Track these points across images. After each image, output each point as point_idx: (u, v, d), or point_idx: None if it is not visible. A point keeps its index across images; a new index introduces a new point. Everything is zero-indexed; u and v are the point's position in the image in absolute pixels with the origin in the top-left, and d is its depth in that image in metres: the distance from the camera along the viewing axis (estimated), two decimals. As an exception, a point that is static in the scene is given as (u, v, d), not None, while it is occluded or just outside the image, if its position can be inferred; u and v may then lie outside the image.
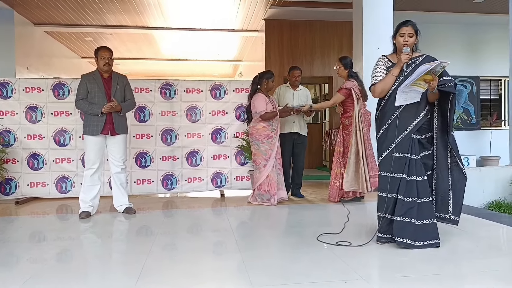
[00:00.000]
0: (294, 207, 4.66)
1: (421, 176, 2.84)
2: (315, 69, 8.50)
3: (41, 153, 5.26)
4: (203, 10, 7.80)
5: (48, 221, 4.21)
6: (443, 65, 2.62)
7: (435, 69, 2.62)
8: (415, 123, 2.86)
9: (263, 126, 4.76)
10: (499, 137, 8.65)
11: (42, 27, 8.55)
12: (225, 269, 2.55)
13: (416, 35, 2.92)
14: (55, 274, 2.48)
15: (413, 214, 2.77)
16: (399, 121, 2.87)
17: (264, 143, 4.74)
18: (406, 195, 2.81)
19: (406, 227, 2.77)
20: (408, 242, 2.75)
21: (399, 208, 2.82)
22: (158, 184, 5.47)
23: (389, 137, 2.92)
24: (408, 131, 2.86)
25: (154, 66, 13.13)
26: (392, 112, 2.91)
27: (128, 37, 9.62)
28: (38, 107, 5.24)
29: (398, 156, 2.87)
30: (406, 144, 2.86)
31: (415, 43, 2.95)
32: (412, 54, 2.94)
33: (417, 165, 2.84)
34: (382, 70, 2.99)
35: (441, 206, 2.92)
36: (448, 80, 2.80)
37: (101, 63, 4.16)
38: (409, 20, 2.94)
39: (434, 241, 2.80)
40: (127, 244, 3.29)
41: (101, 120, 4.08)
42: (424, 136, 2.92)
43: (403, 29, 2.90)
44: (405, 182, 2.83)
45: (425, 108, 2.88)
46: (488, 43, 9.19)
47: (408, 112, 2.86)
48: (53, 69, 9.42)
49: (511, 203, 5.25)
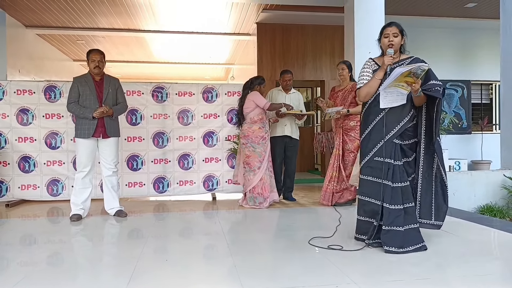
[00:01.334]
0: (286, 210, 4.67)
1: (404, 182, 2.83)
2: (307, 73, 8.52)
3: (32, 156, 5.21)
4: (195, 13, 7.80)
5: (39, 224, 4.18)
6: (423, 68, 2.59)
7: (416, 71, 2.59)
8: (398, 127, 2.83)
9: (258, 127, 4.78)
10: (490, 141, 8.73)
11: (33, 29, 8.49)
12: (216, 272, 2.54)
13: (402, 35, 2.88)
14: (45, 277, 2.46)
15: (400, 222, 2.78)
16: (379, 126, 2.85)
17: (260, 144, 4.76)
18: (392, 203, 2.80)
19: (394, 236, 2.77)
20: (397, 250, 2.75)
21: (386, 217, 2.81)
22: (150, 187, 5.44)
23: (372, 140, 2.89)
24: (391, 135, 2.84)
25: (146, 69, 13.09)
26: (376, 115, 2.88)
27: (120, 40, 9.58)
28: (30, 110, 5.20)
29: (380, 161, 2.84)
30: (389, 149, 2.83)
31: (402, 44, 2.91)
32: (400, 56, 2.91)
33: (400, 171, 2.82)
34: (368, 74, 2.96)
35: (424, 212, 2.92)
36: (435, 84, 2.75)
37: (91, 66, 4.15)
38: (393, 21, 2.91)
39: (420, 245, 2.80)
40: (118, 247, 3.27)
41: (93, 123, 4.06)
42: (407, 142, 2.88)
43: (387, 29, 2.88)
44: (390, 189, 2.81)
45: (409, 113, 2.84)
46: (479, 48, 9.29)
47: (392, 116, 2.83)
48: (45, 71, 9.35)
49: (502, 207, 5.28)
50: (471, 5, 7.75)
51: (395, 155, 2.82)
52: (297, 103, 5.33)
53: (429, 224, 2.93)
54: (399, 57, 2.91)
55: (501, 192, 5.39)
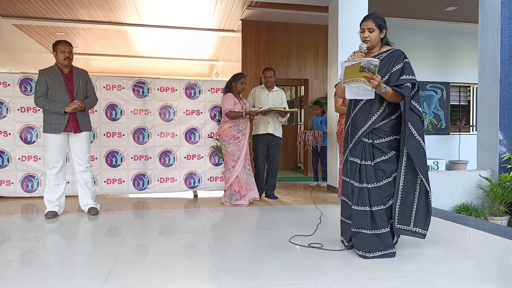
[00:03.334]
0: (268, 208, 4.65)
1: (373, 183, 2.67)
2: (291, 71, 8.53)
3: (6, 151, 5.04)
4: (179, 8, 7.69)
5: (12, 221, 4.03)
6: (374, 63, 2.46)
7: (368, 67, 2.47)
8: (366, 126, 2.70)
9: (229, 126, 4.76)
10: (467, 142, 8.93)
11: (10, 19, 8.22)
12: (196, 272, 2.49)
13: (380, 29, 2.72)
14: (18, 276, 2.37)
15: (367, 224, 2.65)
16: (352, 124, 2.76)
17: (230, 144, 4.73)
18: (360, 204, 2.68)
19: (362, 238, 2.67)
20: (364, 254, 2.66)
21: (353, 218, 2.71)
22: (129, 184, 5.34)
23: (346, 140, 2.83)
24: (359, 134, 2.73)
25: (127, 63, 12.86)
26: (350, 114, 2.80)
27: (101, 32, 9.38)
28: (4, 103, 5.02)
29: (351, 161, 2.75)
30: (358, 149, 2.73)
31: (383, 37, 2.76)
32: (380, 49, 2.77)
33: (367, 171, 2.68)
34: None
35: (402, 217, 2.70)
36: (406, 79, 2.61)
37: (61, 57, 3.98)
38: (372, 14, 2.76)
39: (389, 251, 2.67)
40: (94, 246, 3.18)
41: (64, 118, 3.92)
42: (381, 140, 2.70)
43: (363, 24, 2.74)
44: (357, 190, 2.69)
45: (378, 110, 2.69)
46: (458, 51, 9.47)
47: (361, 115, 2.72)
48: (21, 63, 9.07)
49: (477, 207, 5.40)
50: (451, 9, 7.89)
51: (364, 155, 2.69)
52: (280, 100, 5.32)
53: (408, 230, 2.72)
54: (379, 49, 2.78)
55: (476, 192, 5.51)
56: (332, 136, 5.97)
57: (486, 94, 5.75)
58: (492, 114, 5.59)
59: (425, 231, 2.72)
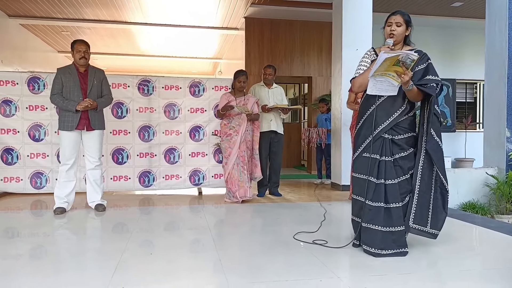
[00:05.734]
0: (271, 205, 4.69)
1: (391, 179, 2.65)
2: (295, 69, 8.54)
3: (15, 148, 5.12)
4: (183, 6, 7.73)
5: (22, 216, 4.12)
6: (412, 57, 2.43)
7: (404, 60, 2.45)
8: (387, 122, 2.66)
9: (224, 123, 4.86)
10: (473, 139, 8.89)
11: (17, 19, 8.31)
12: (201, 267, 2.54)
13: (407, 25, 2.71)
14: (28, 270, 2.43)
15: (380, 221, 2.62)
16: (370, 120, 2.69)
17: (224, 140, 4.81)
18: (373, 200, 2.65)
19: (373, 235, 2.64)
20: (374, 251, 2.62)
21: (365, 214, 2.67)
22: (135, 181, 5.40)
23: (363, 135, 2.76)
24: (379, 129, 2.67)
25: (132, 62, 12.94)
26: (367, 109, 2.74)
27: (106, 31, 9.44)
28: (13, 101, 5.10)
29: (368, 157, 2.70)
30: (377, 144, 2.68)
31: (406, 35, 2.74)
32: (402, 48, 2.74)
33: (387, 167, 2.65)
34: (365, 64, 2.80)
35: (420, 217, 2.68)
36: (432, 80, 2.59)
37: (77, 57, 4.08)
38: (399, 10, 2.74)
39: (401, 250, 2.65)
40: (102, 241, 3.24)
41: (77, 116, 4.01)
42: (401, 137, 2.68)
43: (391, 18, 2.71)
44: (373, 186, 2.66)
45: (401, 107, 2.67)
46: (465, 47, 9.41)
47: (382, 110, 2.67)
48: (28, 62, 9.16)
49: (484, 204, 5.37)
50: (457, 4, 7.85)
51: (384, 150, 2.66)
52: (280, 97, 5.35)
53: (424, 231, 2.69)
54: (401, 48, 2.73)
55: (483, 190, 5.48)
56: (336, 133, 5.98)
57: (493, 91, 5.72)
58: (499, 111, 5.54)
59: (438, 231, 2.72)
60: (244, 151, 4.78)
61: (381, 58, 2.45)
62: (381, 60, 2.45)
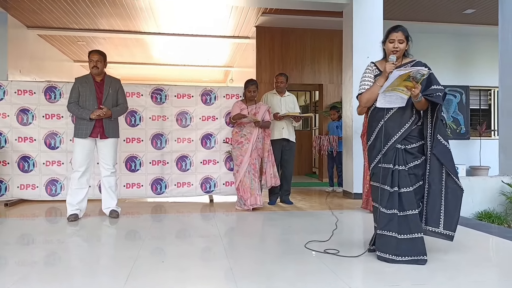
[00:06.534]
0: (283, 213, 4.69)
1: (406, 187, 2.71)
2: (305, 77, 8.56)
3: (31, 156, 5.24)
4: (195, 16, 7.83)
5: (37, 223, 4.20)
6: (422, 72, 2.53)
7: (415, 76, 2.54)
8: (399, 133, 2.76)
9: (235, 131, 4.91)
10: (488, 147, 8.76)
11: (35, 30, 8.51)
12: (212, 275, 2.56)
13: (407, 41, 2.82)
14: (42, 277, 2.48)
15: (394, 228, 2.68)
16: (385, 131, 2.78)
17: (235, 148, 4.85)
18: (388, 207, 2.71)
19: (388, 241, 2.68)
20: (389, 257, 2.66)
21: (380, 221, 2.74)
22: (148, 188, 5.46)
23: (377, 147, 2.84)
24: (392, 141, 2.77)
25: (145, 71, 13.12)
26: (378, 122, 2.83)
27: (120, 41, 9.61)
28: (30, 110, 5.22)
29: (384, 167, 2.79)
30: (391, 155, 2.77)
31: (406, 49, 2.85)
32: (402, 60, 2.85)
33: (400, 176, 2.72)
34: (369, 79, 2.90)
35: (431, 219, 2.73)
36: (436, 89, 2.70)
37: (90, 66, 4.19)
38: (400, 25, 2.83)
39: (420, 257, 2.65)
40: (115, 248, 3.29)
41: (91, 124, 4.10)
42: (413, 146, 2.78)
43: (393, 35, 2.79)
44: (387, 194, 2.73)
45: (411, 118, 2.77)
46: (478, 54, 9.33)
47: (393, 122, 2.77)
48: (45, 72, 9.37)
49: (500, 214, 5.28)
50: (470, 11, 7.79)
51: (397, 160, 2.75)
52: (292, 105, 5.37)
53: (437, 232, 2.73)
54: (401, 61, 2.85)
55: (499, 198, 5.39)
56: (348, 141, 5.97)
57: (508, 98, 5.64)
58: (515, 118, 5.47)
59: (453, 232, 2.72)
60: (256, 159, 4.83)
61: (394, 76, 2.55)
62: (394, 77, 2.55)
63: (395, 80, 2.58)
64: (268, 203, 5.19)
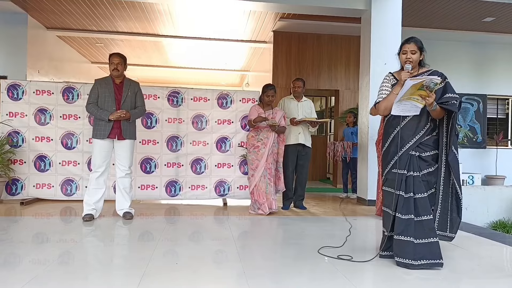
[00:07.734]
0: (296, 218, 4.67)
1: (420, 193, 2.80)
2: (322, 82, 8.54)
3: (48, 155, 5.31)
4: (213, 20, 7.90)
5: (52, 222, 4.25)
6: (436, 81, 2.60)
7: (428, 85, 2.61)
8: (414, 140, 2.84)
9: (251, 135, 4.90)
10: (505, 156, 8.63)
11: (54, 31, 8.68)
12: (225, 278, 2.56)
13: (421, 51, 2.91)
14: (56, 276, 2.50)
15: (411, 232, 2.74)
16: (400, 138, 2.86)
17: (251, 152, 4.84)
18: (404, 213, 2.78)
19: (405, 246, 2.74)
20: (408, 262, 2.71)
21: (397, 226, 2.79)
22: (162, 190, 5.50)
23: (391, 153, 2.93)
24: (406, 147, 2.85)
25: (162, 73, 13.24)
26: (394, 128, 2.92)
27: (138, 44, 9.73)
28: (48, 110, 5.31)
29: (397, 172, 2.85)
30: (404, 161, 2.85)
31: (421, 59, 2.94)
32: (418, 70, 2.94)
33: (415, 182, 2.81)
34: (387, 88, 3.01)
35: (441, 224, 2.88)
36: (451, 97, 2.76)
37: (110, 68, 4.25)
38: (413, 37, 2.93)
39: (436, 261, 2.72)
40: (128, 249, 3.31)
41: (109, 125, 4.15)
42: (427, 154, 2.86)
43: (405, 46, 2.91)
44: (402, 200, 2.80)
45: (426, 126, 2.85)
46: (496, 62, 9.20)
47: (409, 129, 2.86)
48: (63, 72, 9.54)
49: (515, 224, 5.20)
50: (489, 20, 7.69)
51: (411, 166, 2.82)
52: (309, 111, 5.35)
53: (443, 235, 2.89)
54: (417, 71, 2.93)
55: (515, 209, 5.30)
56: (363, 148, 5.92)
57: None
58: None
59: (454, 234, 2.89)
60: (271, 163, 4.82)
61: (407, 85, 2.65)
62: (408, 86, 2.64)
63: (410, 89, 2.65)
64: (281, 208, 5.17)
